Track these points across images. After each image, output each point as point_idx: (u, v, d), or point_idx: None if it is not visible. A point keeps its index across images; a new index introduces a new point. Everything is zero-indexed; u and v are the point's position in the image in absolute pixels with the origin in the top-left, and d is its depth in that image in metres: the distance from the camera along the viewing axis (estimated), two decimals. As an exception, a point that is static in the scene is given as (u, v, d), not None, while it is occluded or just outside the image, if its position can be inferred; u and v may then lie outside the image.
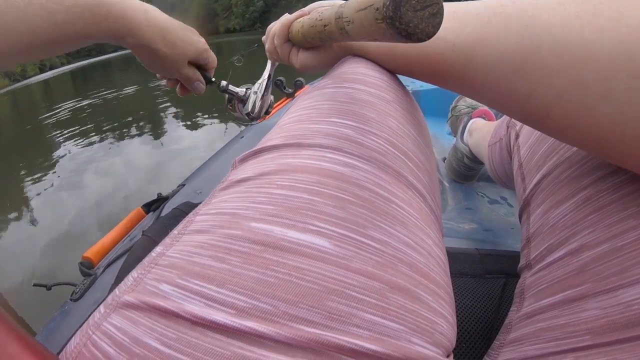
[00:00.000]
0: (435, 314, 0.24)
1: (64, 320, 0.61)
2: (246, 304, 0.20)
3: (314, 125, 0.30)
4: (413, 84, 1.72)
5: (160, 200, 0.85)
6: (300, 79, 1.43)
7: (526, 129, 0.49)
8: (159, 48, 0.54)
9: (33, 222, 2.83)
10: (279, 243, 0.22)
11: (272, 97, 0.64)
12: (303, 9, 0.45)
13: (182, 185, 0.91)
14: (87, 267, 0.72)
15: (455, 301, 0.39)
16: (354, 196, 0.25)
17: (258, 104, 0.61)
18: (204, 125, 4.54)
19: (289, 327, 0.19)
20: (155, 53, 0.54)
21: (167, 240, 0.26)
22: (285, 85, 1.40)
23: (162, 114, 5.47)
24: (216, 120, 4.56)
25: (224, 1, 55.84)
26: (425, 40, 0.21)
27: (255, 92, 0.62)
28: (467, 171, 0.98)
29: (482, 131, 0.83)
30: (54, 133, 5.46)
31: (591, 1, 0.24)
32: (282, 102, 1.39)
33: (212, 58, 0.63)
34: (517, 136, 0.51)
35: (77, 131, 5.16)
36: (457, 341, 0.28)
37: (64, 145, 4.61)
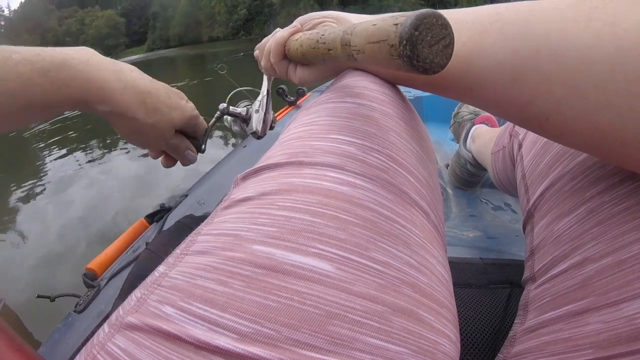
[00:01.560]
0: (437, 334, 0.24)
1: (68, 332, 0.61)
2: (249, 329, 0.20)
3: (315, 142, 0.30)
4: (415, 90, 1.72)
5: (163, 211, 0.85)
6: (301, 87, 1.44)
7: (529, 139, 0.49)
8: (139, 116, 0.45)
9: (22, 236, 2.82)
10: (281, 267, 0.22)
11: (273, 113, 0.62)
12: (295, 24, 0.44)
13: (185, 195, 0.91)
14: (91, 279, 0.72)
15: (460, 312, 0.38)
16: (356, 217, 0.24)
17: (261, 122, 0.60)
18: None
19: (291, 352, 0.19)
20: (134, 122, 0.45)
21: (169, 259, 0.26)
22: (287, 94, 1.41)
23: None
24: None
25: (207, 10, 55.95)
26: (438, 72, 0.21)
27: (257, 111, 0.60)
28: (470, 178, 0.97)
29: (485, 138, 0.83)
30: (40, 145, 5.46)
31: (586, 5, 0.24)
32: (284, 110, 1.40)
33: (202, 124, 0.57)
34: (520, 146, 0.51)
35: (66, 143, 5.16)
36: (461, 353, 0.27)
37: (52, 157, 4.59)
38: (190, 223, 0.60)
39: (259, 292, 0.21)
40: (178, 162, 0.58)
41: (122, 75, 0.44)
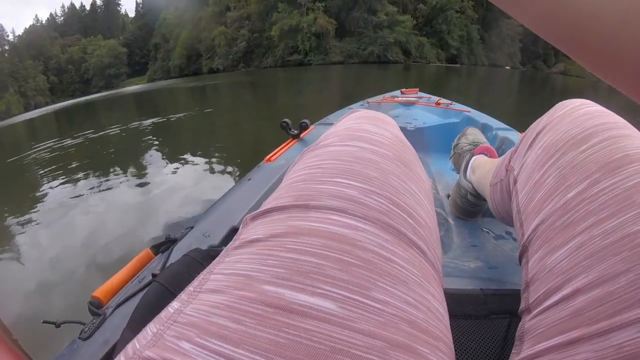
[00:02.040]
0: None
1: (72, 358, 0.62)
2: None
3: (319, 185, 0.32)
4: (416, 121, 1.75)
5: (169, 242, 0.86)
6: (305, 120, 1.47)
7: (523, 175, 0.51)
8: None
9: (19, 262, 2.79)
10: (290, 306, 0.24)
11: None
12: None
13: (191, 227, 0.92)
14: (96, 307, 0.73)
15: (459, 344, 0.39)
16: (357, 258, 0.26)
17: None
18: (188, 163, 4.56)
19: None
20: None
21: (183, 296, 0.27)
22: (291, 127, 1.43)
23: (146, 153, 5.49)
24: (200, 159, 4.62)
25: (207, 42, 56.44)
26: None
27: None
28: (471, 208, 0.98)
29: (484, 168, 0.85)
30: (39, 172, 5.44)
31: None
32: (288, 144, 1.42)
33: None
34: (515, 181, 0.53)
35: (65, 170, 5.16)
36: None
37: (50, 184, 4.57)
38: (197, 257, 0.61)
39: (269, 329, 0.23)
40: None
41: None
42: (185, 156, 4.82)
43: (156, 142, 6.09)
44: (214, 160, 4.52)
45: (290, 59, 44.94)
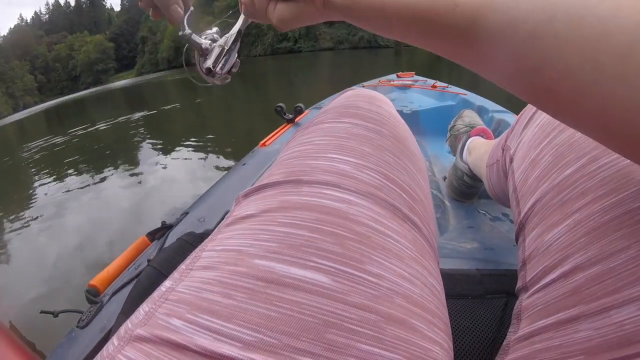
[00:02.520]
0: (429, 341, 0.25)
1: (71, 347, 0.62)
2: (252, 338, 0.21)
3: (312, 161, 0.31)
4: (412, 105, 1.74)
5: (164, 228, 0.86)
6: (300, 104, 1.46)
7: (519, 154, 0.50)
8: None
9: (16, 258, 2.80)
10: (281, 279, 0.23)
11: (238, 59, 0.55)
12: None
13: (186, 213, 0.92)
14: (94, 295, 0.73)
15: (456, 323, 0.39)
16: (351, 232, 0.26)
17: (222, 60, 0.53)
18: (181, 156, 4.51)
19: (291, 359, 0.20)
20: None
21: (175, 274, 0.27)
22: (286, 111, 1.42)
23: (137, 148, 5.44)
24: (193, 152, 4.58)
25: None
26: None
27: (221, 46, 0.53)
28: (467, 189, 0.98)
29: (481, 150, 0.84)
30: (31, 170, 5.43)
31: None
32: (282, 128, 1.42)
33: None
34: (511, 160, 0.53)
35: (58, 167, 5.14)
36: None
37: (43, 181, 4.56)
38: (191, 240, 0.60)
39: (261, 303, 0.22)
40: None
41: None
42: (176, 147, 4.79)
43: (147, 135, 6.04)
44: (205, 150, 4.49)
45: (279, 46, 44.69)
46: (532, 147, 0.46)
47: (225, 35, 0.53)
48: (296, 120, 1.44)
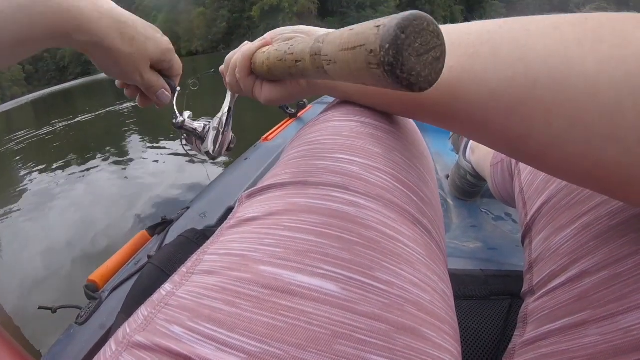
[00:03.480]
0: (440, 350, 0.24)
1: (70, 343, 0.61)
2: (257, 349, 0.20)
3: (319, 161, 0.30)
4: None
5: (165, 223, 0.85)
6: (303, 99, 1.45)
7: None
8: (116, 45, 0.44)
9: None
10: (288, 287, 0.22)
11: (232, 134, 0.57)
12: (265, 37, 0.41)
13: (187, 208, 0.91)
14: (92, 291, 0.72)
15: (461, 325, 0.38)
16: (360, 237, 0.25)
17: (219, 141, 0.55)
18: (168, 149, 4.37)
19: None
20: (111, 52, 0.45)
21: (176, 278, 0.26)
22: (288, 106, 1.41)
23: (127, 139, 5.32)
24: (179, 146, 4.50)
25: (185, 25, 54.92)
26: (426, 90, 0.18)
27: (215, 128, 0.55)
28: (470, 188, 0.98)
29: (485, 149, 0.83)
30: (20, 162, 5.32)
31: (589, 23, 0.21)
32: (285, 123, 1.41)
33: (177, 61, 0.55)
34: (517, 161, 0.52)
35: (47, 159, 5.01)
36: None
37: (32, 173, 4.44)
38: (193, 237, 0.59)
39: (266, 312, 0.21)
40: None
41: (98, 4, 0.43)
42: (166, 141, 4.70)
43: (136, 127, 5.94)
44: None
45: None
46: None
47: (217, 116, 0.55)
48: (299, 115, 1.43)
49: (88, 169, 4.14)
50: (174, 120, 0.56)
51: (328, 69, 0.23)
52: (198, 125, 0.57)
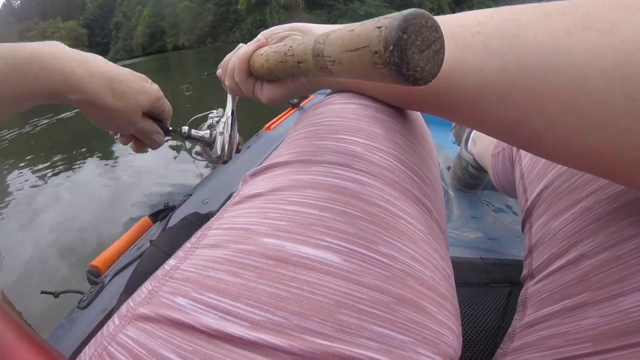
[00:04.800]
0: (441, 325, 0.25)
1: (72, 327, 0.62)
2: (260, 317, 0.20)
3: (322, 142, 0.30)
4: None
5: (167, 209, 0.86)
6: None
7: None
8: (108, 102, 0.47)
9: None
10: (291, 258, 0.22)
11: (239, 135, 0.58)
12: (258, 38, 0.41)
13: (189, 195, 0.92)
14: (95, 276, 0.73)
15: (461, 311, 0.39)
16: (363, 212, 0.25)
17: (227, 145, 0.56)
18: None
19: (301, 339, 0.20)
20: (104, 108, 0.47)
21: (180, 253, 0.26)
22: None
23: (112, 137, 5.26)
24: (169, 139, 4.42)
25: (171, 19, 53.59)
26: (429, 82, 0.19)
27: (222, 133, 0.56)
28: (471, 180, 0.98)
29: (486, 140, 0.83)
30: (5, 161, 5.20)
31: (578, 12, 0.22)
32: (287, 112, 1.41)
33: (167, 106, 0.56)
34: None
35: (32, 158, 4.95)
36: (462, 350, 0.28)
37: (16, 174, 4.34)
38: (196, 220, 0.60)
39: (270, 282, 0.22)
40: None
41: (88, 65, 0.45)
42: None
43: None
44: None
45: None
46: None
47: (222, 120, 0.56)
48: (301, 104, 1.43)
49: (77, 165, 4.14)
50: (181, 130, 0.57)
51: (332, 68, 0.23)
52: (205, 133, 0.58)
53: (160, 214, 0.86)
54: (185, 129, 0.57)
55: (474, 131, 0.96)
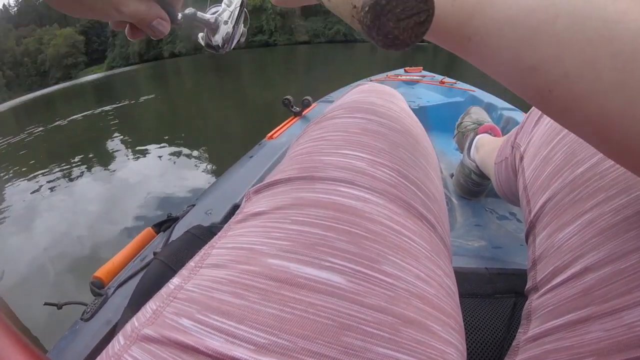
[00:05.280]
0: (445, 344, 0.24)
1: (75, 339, 0.62)
2: (265, 340, 0.20)
3: (325, 157, 0.30)
4: (420, 100, 1.73)
5: (170, 220, 0.86)
6: (307, 97, 1.45)
7: (530, 151, 0.49)
8: None
9: None
10: (296, 280, 0.22)
11: (244, 28, 0.55)
12: None
13: (192, 205, 0.91)
14: (98, 287, 0.73)
15: (465, 322, 0.39)
16: (366, 231, 0.25)
17: (230, 35, 0.52)
18: (152, 153, 4.45)
19: None
20: None
21: (184, 272, 0.26)
22: (293, 104, 1.41)
23: (109, 143, 5.33)
24: (166, 148, 4.54)
25: None
26: (401, 50, 0.18)
27: (226, 22, 0.52)
28: (474, 187, 0.98)
29: (489, 147, 0.83)
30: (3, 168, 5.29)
31: None
32: (290, 121, 1.41)
33: None
34: (521, 158, 0.52)
35: (26, 167, 5.02)
36: None
37: (12, 183, 4.43)
38: (199, 233, 0.60)
39: (274, 304, 0.21)
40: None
41: None
42: (150, 146, 4.72)
43: (119, 133, 5.95)
44: (177, 144, 4.47)
45: (254, 39, 44.69)
46: (544, 144, 0.45)
47: (229, 9, 0.53)
48: (303, 113, 1.43)
49: (74, 173, 4.19)
50: (186, 11, 0.49)
51: (326, 2, 0.24)
52: (210, 17, 0.53)
53: (163, 224, 0.85)
54: (190, 10, 0.51)
55: (476, 138, 0.96)
